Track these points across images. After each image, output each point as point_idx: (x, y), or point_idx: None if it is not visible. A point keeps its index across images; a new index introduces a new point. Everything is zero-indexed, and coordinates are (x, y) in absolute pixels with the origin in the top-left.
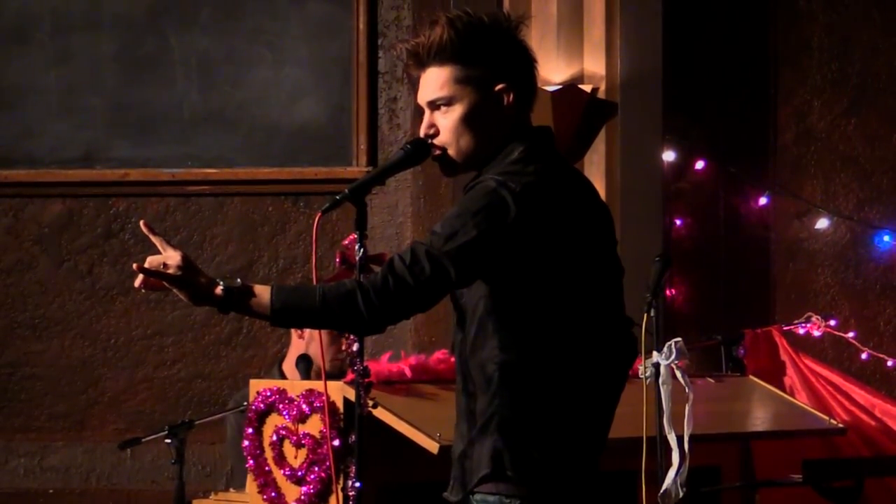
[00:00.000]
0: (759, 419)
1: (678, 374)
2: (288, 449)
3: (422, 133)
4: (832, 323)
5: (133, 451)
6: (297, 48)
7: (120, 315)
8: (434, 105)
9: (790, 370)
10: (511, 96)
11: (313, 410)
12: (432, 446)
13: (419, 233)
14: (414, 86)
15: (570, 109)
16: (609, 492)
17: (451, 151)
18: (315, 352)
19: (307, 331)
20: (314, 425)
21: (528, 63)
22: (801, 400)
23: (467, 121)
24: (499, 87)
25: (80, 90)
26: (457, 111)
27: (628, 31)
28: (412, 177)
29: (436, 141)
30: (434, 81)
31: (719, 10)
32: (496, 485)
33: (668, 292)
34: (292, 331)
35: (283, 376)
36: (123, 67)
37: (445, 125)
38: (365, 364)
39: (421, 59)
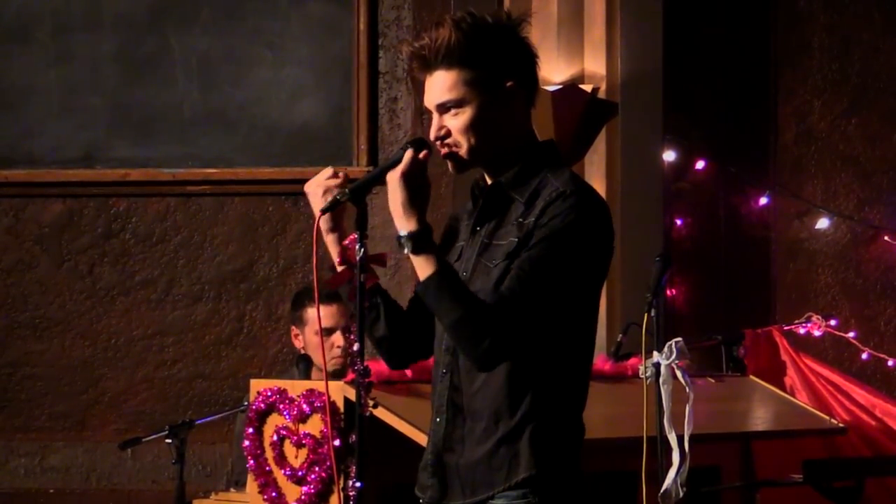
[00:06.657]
0: (760, 419)
1: (678, 373)
2: (288, 449)
3: (432, 136)
4: (832, 323)
5: (133, 451)
6: (298, 48)
7: (120, 315)
8: (444, 108)
9: (790, 370)
10: (519, 93)
11: (314, 410)
12: None
13: None
14: (416, 87)
15: (571, 109)
16: (609, 492)
17: (461, 151)
18: (312, 352)
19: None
20: (315, 425)
21: (531, 60)
22: (802, 400)
23: (478, 121)
24: (508, 84)
25: (80, 90)
26: (467, 113)
27: (629, 31)
28: None
29: (447, 141)
30: (442, 84)
31: (719, 11)
32: (530, 487)
33: (668, 292)
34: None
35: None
36: (124, 67)
37: (456, 126)
38: (365, 364)
39: (427, 62)
